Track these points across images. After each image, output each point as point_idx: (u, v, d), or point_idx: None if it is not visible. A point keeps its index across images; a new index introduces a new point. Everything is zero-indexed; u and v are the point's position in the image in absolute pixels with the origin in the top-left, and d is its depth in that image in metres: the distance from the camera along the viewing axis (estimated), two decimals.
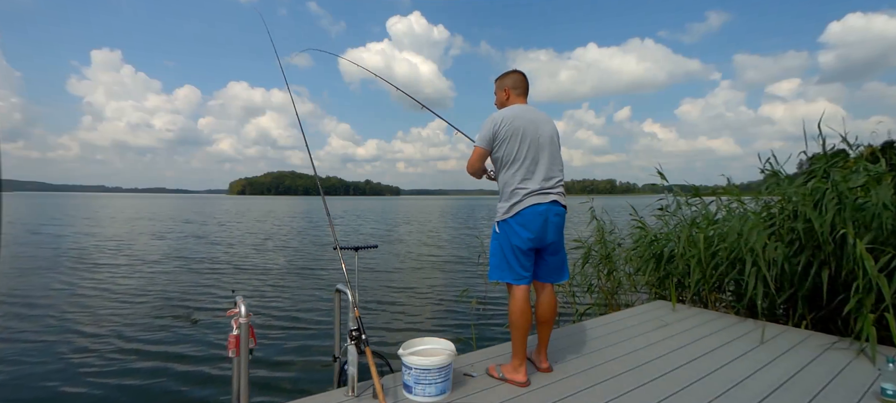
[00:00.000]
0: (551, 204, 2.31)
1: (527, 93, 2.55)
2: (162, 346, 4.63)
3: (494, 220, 2.41)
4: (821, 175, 3.42)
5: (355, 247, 2.73)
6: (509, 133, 2.30)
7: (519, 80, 2.53)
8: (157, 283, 7.87)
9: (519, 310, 2.30)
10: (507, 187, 2.34)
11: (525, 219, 2.27)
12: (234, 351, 1.96)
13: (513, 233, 2.30)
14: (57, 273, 8.72)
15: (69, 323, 5.45)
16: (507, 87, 2.53)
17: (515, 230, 2.29)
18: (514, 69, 2.58)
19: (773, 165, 3.93)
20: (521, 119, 2.34)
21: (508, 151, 2.31)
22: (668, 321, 3.51)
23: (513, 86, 2.52)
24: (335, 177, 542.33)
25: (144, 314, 5.86)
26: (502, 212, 2.33)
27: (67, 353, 4.42)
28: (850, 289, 2.83)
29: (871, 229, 2.96)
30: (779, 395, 2.22)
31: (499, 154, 2.35)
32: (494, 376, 2.41)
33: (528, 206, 2.27)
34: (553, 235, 2.35)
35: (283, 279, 8.40)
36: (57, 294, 7.00)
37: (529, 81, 2.55)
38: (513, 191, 2.31)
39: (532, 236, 2.29)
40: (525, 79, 2.54)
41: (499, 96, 2.58)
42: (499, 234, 2.37)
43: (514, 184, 2.31)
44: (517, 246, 2.30)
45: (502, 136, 2.31)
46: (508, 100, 2.52)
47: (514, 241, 2.30)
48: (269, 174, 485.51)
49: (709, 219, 4.23)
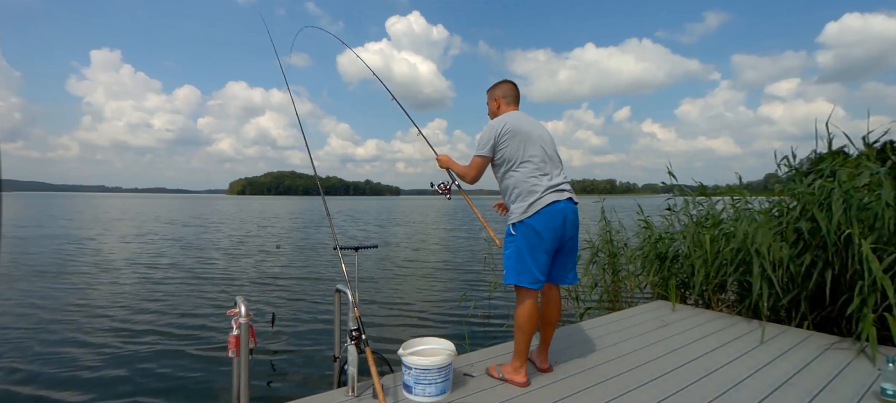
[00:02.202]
0: (567, 201, 2.29)
1: (518, 102, 2.56)
2: (161, 346, 4.63)
3: (508, 222, 2.34)
4: (827, 174, 3.41)
5: (355, 247, 2.73)
6: (513, 134, 2.31)
7: (509, 90, 2.56)
8: (157, 283, 7.87)
9: (527, 314, 2.25)
10: (520, 187, 2.29)
11: (545, 218, 2.22)
12: (234, 351, 1.97)
13: (532, 234, 2.22)
14: (56, 272, 8.72)
15: (66, 322, 5.44)
16: (497, 97, 2.56)
17: (536, 230, 2.22)
18: (505, 79, 2.60)
19: (791, 163, 3.88)
20: (521, 121, 2.37)
21: (514, 152, 2.30)
22: (669, 321, 3.51)
23: (503, 96, 2.55)
24: (335, 177, 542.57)
25: (144, 314, 5.86)
26: (519, 213, 2.26)
27: (65, 353, 4.41)
28: (854, 290, 2.83)
29: (875, 229, 2.96)
30: (779, 395, 2.22)
31: (505, 156, 2.33)
32: (494, 376, 2.41)
33: (547, 204, 2.22)
34: (571, 231, 2.33)
35: (284, 279, 8.39)
36: (55, 293, 7.00)
37: (529, 81, 2.59)
38: (529, 190, 2.25)
39: (553, 235, 2.23)
40: (516, 88, 2.57)
41: (491, 106, 2.60)
42: (515, 237, 2.28)
43: (530, 183, 2.26)
44: (537, 247, 2.23)
45: (506, 139, 2.31)
46: (500, 110, 2.54)
47: (533, 242, 2.23)
48: (269, 174, 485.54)
49: (715, 219, 4.23)
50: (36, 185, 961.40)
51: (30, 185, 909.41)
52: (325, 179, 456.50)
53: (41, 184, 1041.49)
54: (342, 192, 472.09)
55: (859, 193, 3.12)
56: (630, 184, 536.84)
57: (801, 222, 3.28)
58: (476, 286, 7.65)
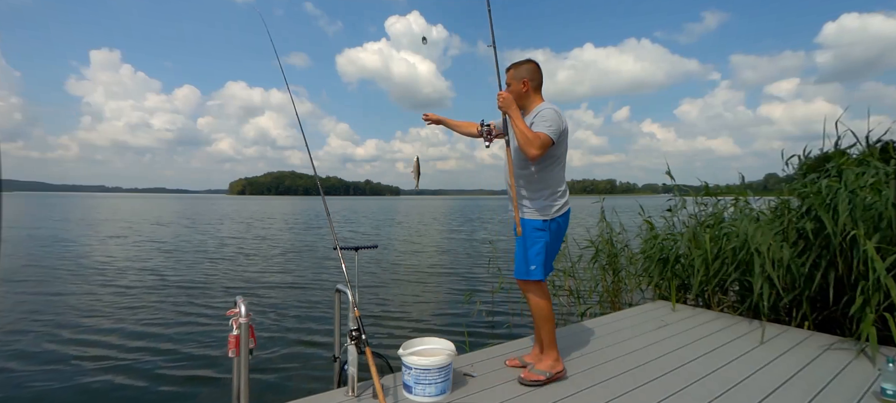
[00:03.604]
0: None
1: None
2: (161, 346, 4.63)
3: (541, 217, 2.28)
4: (834, 174, 3.38)
5: (355, 247, 2.73)
6: (566, 131, 2.28)
7: (537, 74, 2.33)
8: (156, 283, 7.87)
9: (549, 304, 2.37)
10: (557, 185, 2.32)
11: (567, 218, 2.37)
12: (234, 351, 1.96)
13: (559, 231, 2.35)
14: (54, 273, 8.72)
15: (66, 322, 5.44)
16: (526, 79, 2.31)
17: (562, 228, 2.36)
18: (530, 59, 2.34)
19: (803, 161, 3.87)
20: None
21: (562, 149, 2.32)
22: (668, 321, 3.51)
23: (532, 79, 2.32)
24: (335, 176, 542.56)
25: (143, 313, 5.86)
26: (553, 211, 2.29)
27: (64, 353, 4.41)
28: (856, 290, 2.82)
29: (879, 229, 2.95)
30: (779, 395, 2.22)
31: (556, 151, 2.26)
32: (537, 379, 2.29)
33: (569, 206, 2.38)
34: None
35: (284, 279, 8.39)
36: (54, 293, 7.00)
37: None
38: (564, 190, 2.34)
39: (564, 235, 2.42)
40: (542, 73, 2.35)
41: (514, 87, 2.31)
42: (544, 232, 2.29)
43: (563, 183, 2.35)
44: (555, 243, 2.37)
45: (563, 135, 2.25)
46: (528, 95, 2.31)
47: (557, 238, 2.36)
48: (269, 174, 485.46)
49: (717, 219, 4.21)
50: (36, 185, 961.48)
51: (30, 185, 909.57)
52: (325, 179, 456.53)
53: (41, 185, 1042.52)
54: (342, 192, 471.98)
55: (863, 193, 3.10)
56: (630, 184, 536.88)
57: (805, 222, 3.26)
58: (476, 286, 7.65)
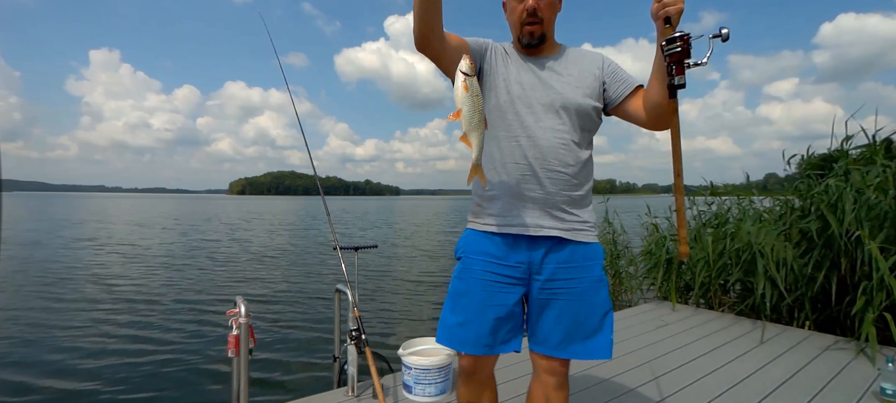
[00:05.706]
0: None
1: None
2: (161, 346, 4.62)
3: (596, 225, 1.48)
4: (841, 174, 3.34)
5: (355, 247, 2.73)
6: None
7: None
8: (156, 283, 7.86)
9: None
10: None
11: None
12: (234, 351, 1.96)
13: None
14: (54, 272, 8.71)
15: (65, 323, 5.44)
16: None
17: None
18: None
19: (808, 160, 3.81)
20: None
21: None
22: (668, 321, 3.51)
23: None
24: (335, 176, 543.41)
25: (143, 314, 5.86)
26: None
27: (64, 353, 4.41)
28: (857, 290, 2.82)
29: (883, 229, 2.94)
30: (779, 395, 2.22)
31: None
32: None
33: None
34: None
35: (283, 279, 8.39)
36: (54, 293, 7.00)
37: None
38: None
39: None
40: None
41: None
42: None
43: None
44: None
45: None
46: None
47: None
48: (269, 174, 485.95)
49: (722, 218, 4.19)
50: (36, 185, 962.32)
51: (30, 185, 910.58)
52: (325, 179, 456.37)
53: (41, 185, 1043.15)
54: (342, 192, 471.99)
55: (867, 192, 3.07)
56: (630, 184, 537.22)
57: (809, 222, 3.24)
58: None
